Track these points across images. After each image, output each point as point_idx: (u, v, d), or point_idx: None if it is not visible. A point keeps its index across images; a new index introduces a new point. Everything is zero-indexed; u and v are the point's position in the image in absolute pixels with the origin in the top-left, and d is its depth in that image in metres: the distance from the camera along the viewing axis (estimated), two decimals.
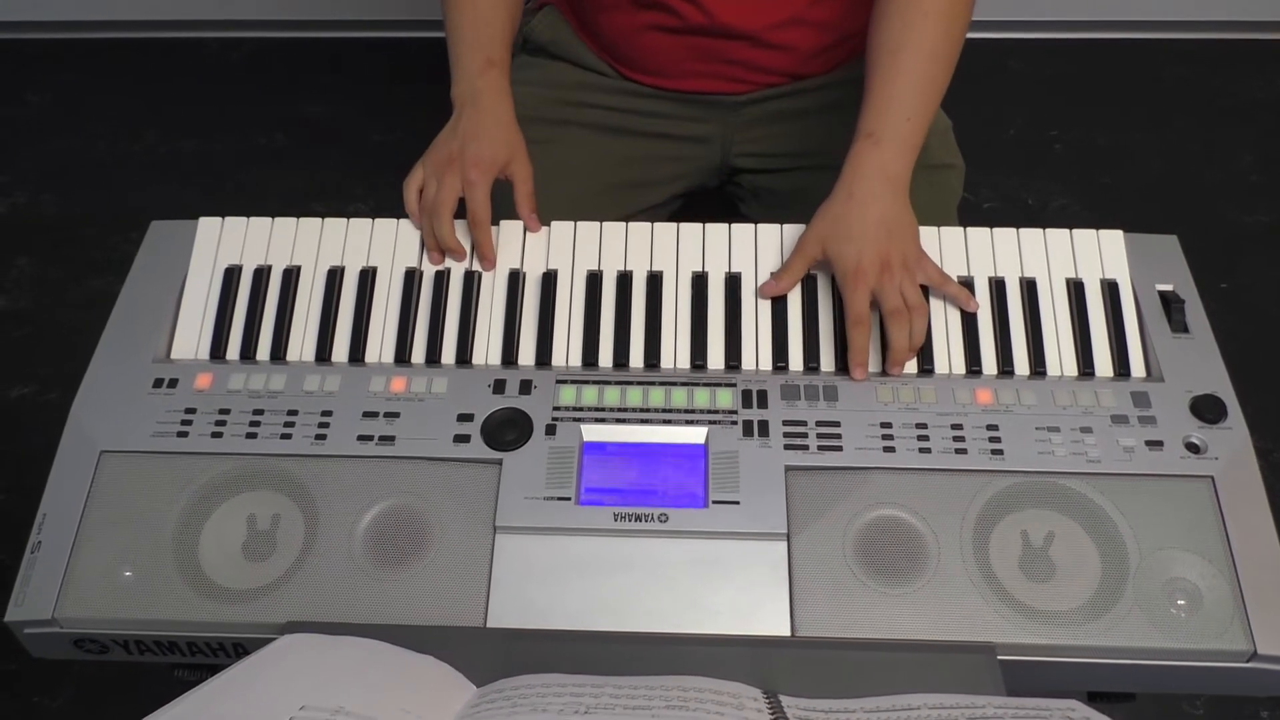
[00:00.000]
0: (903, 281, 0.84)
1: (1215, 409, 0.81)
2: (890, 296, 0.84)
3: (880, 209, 0.86)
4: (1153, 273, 0.89)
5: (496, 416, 0.81)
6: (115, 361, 0.85)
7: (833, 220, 0.87)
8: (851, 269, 0.84)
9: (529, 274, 0.90)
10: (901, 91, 0.89)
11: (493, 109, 0.95)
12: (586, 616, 0.73)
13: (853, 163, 0.89)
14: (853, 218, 0.86)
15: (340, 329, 0.88)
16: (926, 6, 0.90)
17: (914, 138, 0.89)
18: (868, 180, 0.87)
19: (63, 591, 0.75)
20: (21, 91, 2.12)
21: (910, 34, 0.90)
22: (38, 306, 1.82)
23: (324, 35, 2.18)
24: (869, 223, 0.85)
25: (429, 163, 0.93)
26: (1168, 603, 0.73)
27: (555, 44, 1.13)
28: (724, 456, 0.79)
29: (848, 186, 0.88)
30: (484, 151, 0.92)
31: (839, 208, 0.87)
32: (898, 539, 0.76)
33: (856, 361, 0.84)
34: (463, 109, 0.95)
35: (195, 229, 0.92)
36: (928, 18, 0.90)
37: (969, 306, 0.87)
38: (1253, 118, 2.02)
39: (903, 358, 0.84)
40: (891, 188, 0.87)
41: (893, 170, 0.88)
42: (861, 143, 0.89)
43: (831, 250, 0.86)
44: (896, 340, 0.83)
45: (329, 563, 0.76)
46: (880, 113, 0.89)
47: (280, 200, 1.92)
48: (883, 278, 0.84)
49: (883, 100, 0.89)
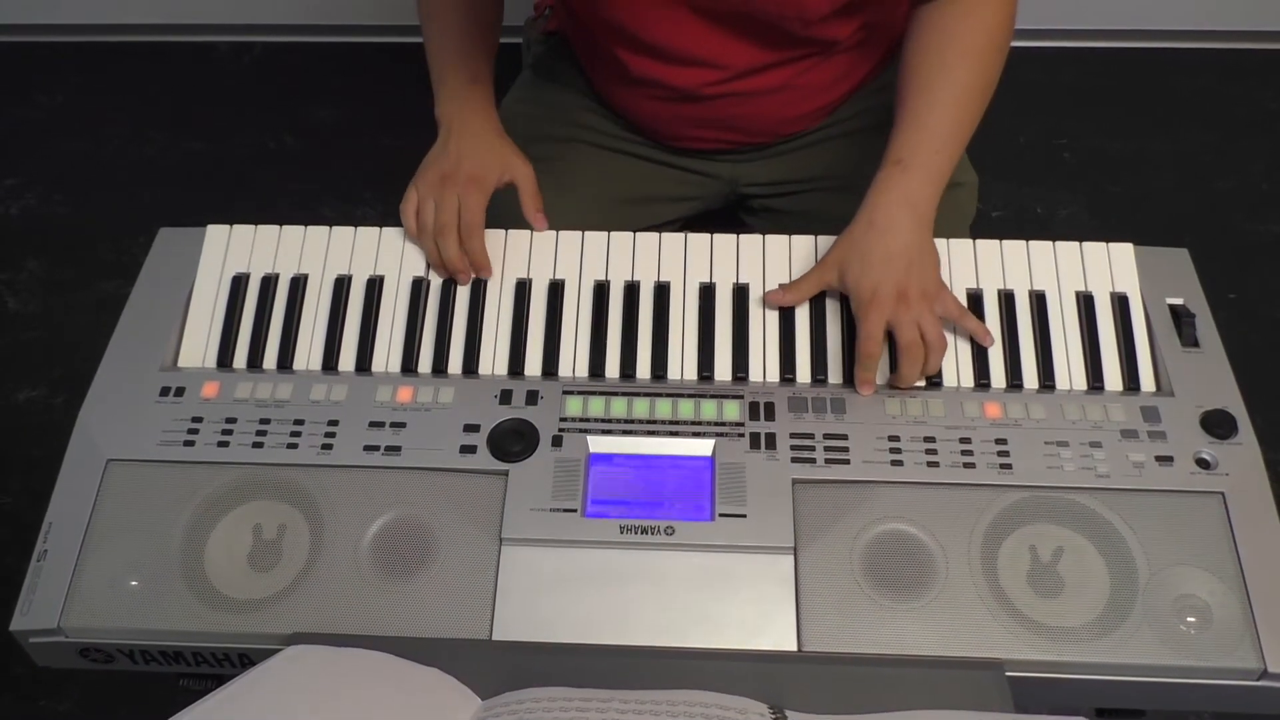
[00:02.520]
0: (921, 314, 0.82)
1: (1226, 424, 0.80)
2: (906, 330, 0.82)
3: (901, 238, 0.84)
4: (1163, 286, 0.88)
5: (503, 427, 0.81)
6: (122, 370, 0.85)
7: (851, 247, 0.85)
8: (868, 298, 0.83)
9: (535, 284, 0.90)
10: (935, 124, 0.87)
11: (481, 126, 0.95)
12: (592, 629, 0.73)
13: (877, 189, 0.87)
14: (872, 245, 0.84)
15: (347, 338, 0.88)
16: (965, 46, 0.88)
17: (942, 170, 0.88)
18: (891, 208, 0.85)
19: (68, 601, 0.75)
20: (32, 94, 2.13)
21: (948, 73, 0.88)
22: (47, 309, 1.82)
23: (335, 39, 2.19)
24: (889, 252, 0.84)
25: (422, 184, 0.93)
26: (1177, 620, 0.73)
27: (562, 77, 1.13)
28: (731, 469, 0.79)
29: (869, 214, 0.86)
30: (477, 169, 0.92)
31: (859, 234, 0.85)
32: (905, 553, 0.76)
33: (864, 381, 0.83)
34: (450, 128, 0.95)
35: (203, 236, 0.92)
36: (965, 57, 0.88)
37: (984, 342, 0.85)
38: (1264, 127, 2.01)
39: (908, 386, 0.83)
40: (915, 217, 0.85)
41: (918, 199, 0.86)
42: (888, 169, 0.87)
43: (849, 278, 0.84)
44: (907, 375, 0.82)
45: (335, 573, 0.75)
46: (911, 141, 0.87)
47: (290, 204, 1.92)
48: (899, 309, 0.82)
49: (914, 130, 0.88)
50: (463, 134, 0.94)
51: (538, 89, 1.15)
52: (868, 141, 1.06)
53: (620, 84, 1.04)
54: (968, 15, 0.88)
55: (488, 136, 0.95)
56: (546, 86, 1.14)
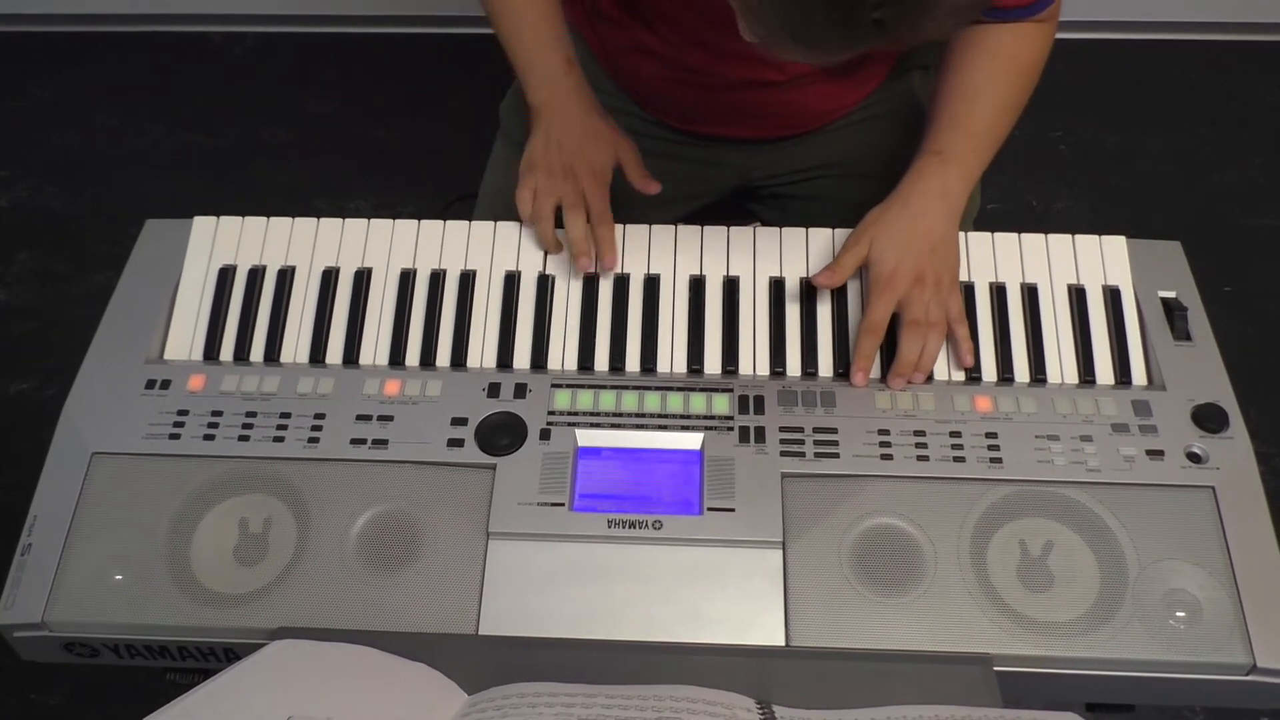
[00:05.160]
0: (932, 300, 0.84)
1: (1217, 418, 0.80)
2: (914, 308, 0.83)
3: (932, 225, 0.86)
4: (1155, 279, 0.88)
5: (490, 420, 0.81)
6: (108, 362, 0.84)
7: (883, 223, 0.86)
8: (886, 274, 0.84)
9: (525, 276, 0.89)
10: (974, 127, 0.89)
11: (583, 111, 0.94)
12: (579, 624, 0.73)
13: (914, 176, 0.88)
14: (903, 225, 0.85)
15: (335, 330, 0.87)
16: (1008, 60, 0.90)
17: (977, 170, 0.90)
18: (927, 195, 0.87)
19: (52, 595, 0.74)
20: (25, 85, 2.12)
21: (993, 84, 0.90)
22: (40, 301, 1.82)
23: (329, 30, 2.18)
24: (918, 235, 0.85)
25: (541, 177, 0.91)
26: (1167, 614, 0.73)
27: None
28: (720, 463, 0.78)
29: (904, 196, 0.87)
30: (595, 159, 0.92)
31: (892, 214, 0.86)
32: (894, 548, 0.75)
33: (859, 366, 0.83)
34: (553, 115, 0.94)
35: (190, 228, 0.91)
36: (1009, 74, 0.91)
37: (963, 358, 0.85)
38: (1261, 120, 2.01)
39: (906, 372, 0.83)
40: (948, 208, 0.87)
41: (953, 192, 0.87)
42: (927, 159, 0.88)
43: (874, 252, 0.85)
44: (907, 352, 0.82)
45: (321, 567, 0.75)
46: (951, 139, 0.89)
47: (282, 196, 1.91)
48: (913, 290, 0.83)
49: (954, 128, 0.89)
50: (568, 121, 0.93)
51: None
52: (880, 127, 1.07)
53: (655, 63, 1.02)
54: (1017, 35, 0.90)
55: (592, 121, 0.95)
56: None
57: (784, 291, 0.88)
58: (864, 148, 1.07)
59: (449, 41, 2.11)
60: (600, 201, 0.90)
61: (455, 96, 2.01)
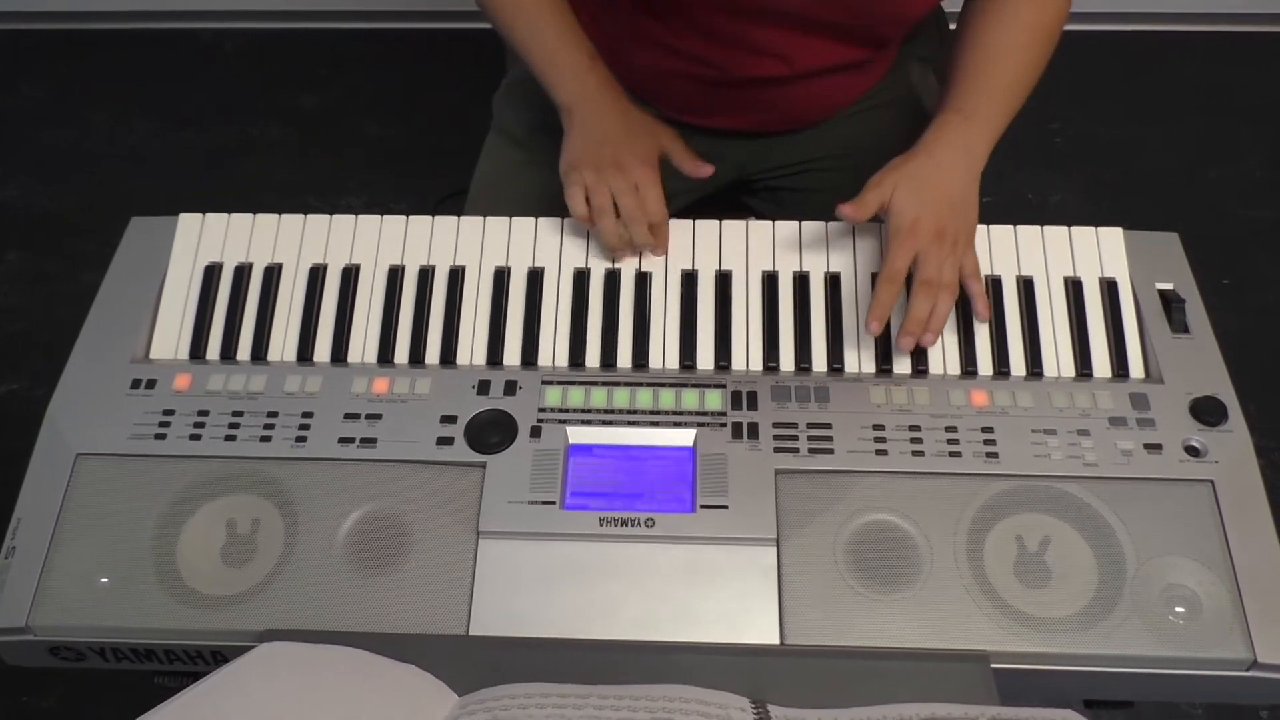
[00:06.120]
0: (948, 257, 0.83)
1: (1215, 411, 0.79)
2: (929, 266, 0.82)
3: (955, 181, 0.85)
4: (1153, 271, 0.87)
5: (480, 418, 0.80)
6: (92, 362, 0.83)
7: (906, 172, 0.85)
8: (907, 225, 0.83)
9: (515, 272, 0.88)
10: (997, 86, 0.90)
11: (617, 102, 0.94)
12: (571, 624, 0.72)
13: (937, 131, 0.88)
14: (926, 178, 0.85)
15: (322, 328, 0.86)
16: (1027, 23, 0.91)
17: (999, 129, 0.89)
18: (950, 150, 0.86)
19: (37, 599, 0.73)
20: (15, 83, 2.11)
21: (1013, 46, 0.91)
22: (30, 301, 1.81)
23: (319, 26, 2.17)
24: (941, 189, 0.85)
25: (589, 172, 0.89)
26: (1165, 610, 0.72)
27: None
28: (713, 459, 0.78)
29: (929, 149, 0.87)
30: (640, 150, 0.91)
31: (916, 165, 0.86)
32: (890, 544, 0.74)
33: (875, 315, 0.81)
34: (585, 112, 0.92)
35: (175, 226, 0.90)
36: (1029, 36, 0.92)
37: (980, 312, 0.85)
38: (1259, 113, 2.00)
39: (916, 330, 0.82)
40: (969, 165, 0.87)
41: (976, 150, 0.87)
42: (950, 115, 0.88)
43: (895, 201, 0.84)
44: (918, 311, 0.82)
45: (309, 568, 0.74)
46: (974, 99, 0.89)
47: (274, 193, 1.90)
48: (932, 245, 0.83)
49: (978, 88, 0.90)
50: (605, 115, 0.92)
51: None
52: (877, 119, 1.07)
53: (657, 55, 1.00)
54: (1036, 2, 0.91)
55: (628, 112, 0.94)
56: None
57: (777, 286, 0.87)
58: (861, 139, 1.06)
59: (441, 37, 2.10)
60: (655, 191, 0.89)
61: (448, 93, 2.00)
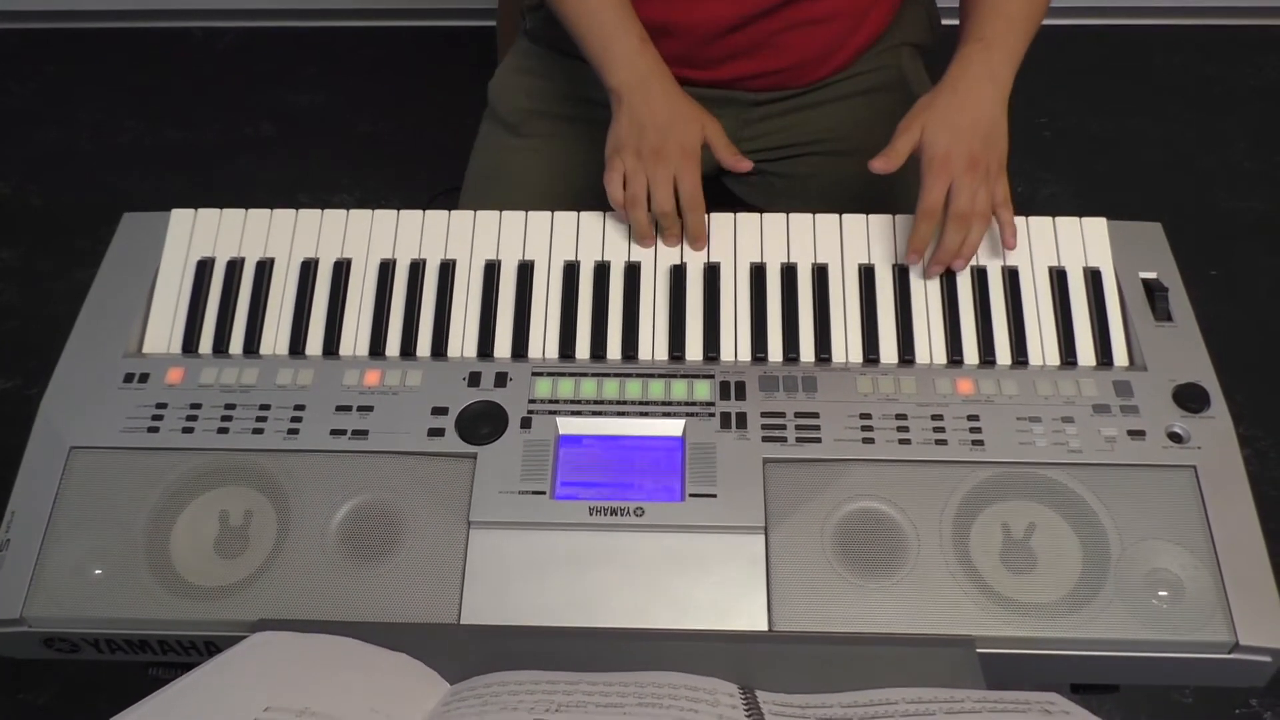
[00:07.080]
0: (980, 186, 0.84)
1: (1198, 398, 0.80)
2: (962, 198, 0.84)
3: (982, 109, 0.87)
4: (1136, 260, 0.88)
5: (471, 410, 0.80)
6: (85, 356, 0.84)
7: (934, 109, 0.87)
8: (940, 157, 0.84)
9: (505, 265, 0.89)
10: (1014, 13, 0.91)
11: (665, 89, 0.94)
12: (561, 612, 0.73)
13: (960, 63, 0.89)
14: (954, 110, 0.86)
15: (314, 321, 0.87)
16: None
17: (1020, 54, 0.91)
18: (975, 80, 0.88)
19: (31, 590, 0.74)
20: (5, 82, 2.11)
21: None
22: (23, 299, 1.81)
23: (311, 24, 2.17)
24: (970, 119, 0.86)
25: (629, 158, 0.90)
26: (1149, 594, 0.73)
27: (564, 39, 1.11)
28: (701, 449, 0.78)
29: (953, 83, 0.88)
30: (684, 138, 0.91)
31: (943, 100, 0.87)
32: (877, 531, 0.75)
33: (914, 248, 0.85)
34: (634, 96, 0.92)
35: (168, 221, 0.91)
36: None
37: (1008, 241, 0.87)
38: (1246, 105, 2.01)
39: (947, 259, 0.84)
40: (996, 92, 0.88)
41: (1000, 76, 0.88)
42: (970, 45, 0.90)
43: (926, 136, 0.86)
44: (950, 241, 0.84)
45: (302, 559, 0.75)
46: (992, 25, 0.90)
47: (267, 190, 1.90)
48: (965, 175, 0.84)
49: (995, 17, 0.91)
50: (651, 101, 0.92)
51: (534, 58, 1.12)
52: (866, 103, 1.08)
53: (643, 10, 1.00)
54: None
55: (676, 99, 0.94)
56: (543, 54, 1.12)
57: (765, 277, 0.88)
58: (850, 123, 1.07)
59: (433, 34, 2.10)
60: (693, 182, 0.90)
61: (440, 89, 2.00)
